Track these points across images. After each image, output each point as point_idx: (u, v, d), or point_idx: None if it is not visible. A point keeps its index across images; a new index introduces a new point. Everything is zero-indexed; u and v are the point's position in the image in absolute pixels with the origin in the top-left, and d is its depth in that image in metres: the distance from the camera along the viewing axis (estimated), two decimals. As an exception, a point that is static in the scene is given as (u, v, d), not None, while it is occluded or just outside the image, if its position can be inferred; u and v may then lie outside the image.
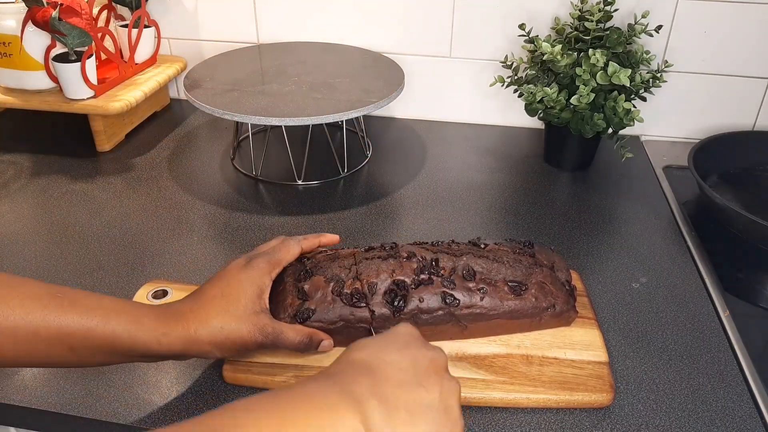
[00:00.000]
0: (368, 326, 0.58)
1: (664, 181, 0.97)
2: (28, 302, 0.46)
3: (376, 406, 0.39)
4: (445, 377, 0.44)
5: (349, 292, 0.58)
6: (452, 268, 0.60)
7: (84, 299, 0.48)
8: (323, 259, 0.61)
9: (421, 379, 0.43)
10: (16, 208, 0.87)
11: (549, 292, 0.61)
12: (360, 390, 0.40)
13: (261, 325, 0.53)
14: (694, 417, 0.57)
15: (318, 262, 0.61)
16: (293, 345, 0.55)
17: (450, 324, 0.60)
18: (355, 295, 0.58)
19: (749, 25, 0.99)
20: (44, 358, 0.48)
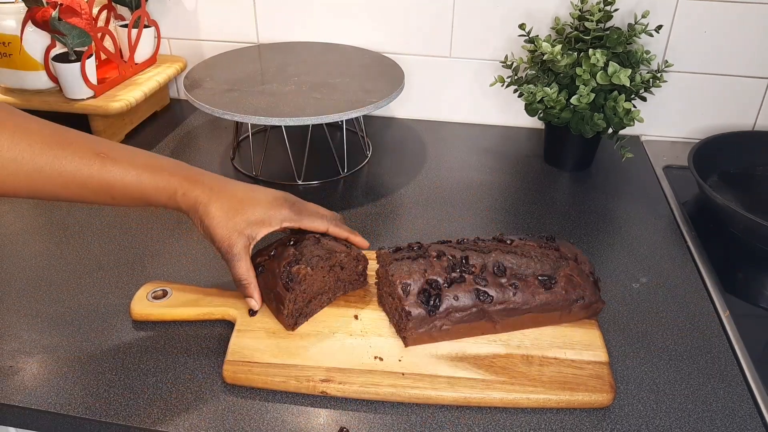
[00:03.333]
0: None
1: (664, 181, 0.97)
2: (78, 159, 0.56)
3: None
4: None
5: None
6: (482, 264, 0.61)
7: (125, 157, 0.59)
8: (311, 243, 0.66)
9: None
10: (16, 208, 0.87)
11: (577, 284, 0.62)
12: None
13: (232, 242, 0.61)
14: (694, 417, 0.57)
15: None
16: (234, 276, 0.63)
17: (482, 321, 0.61)
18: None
19: (749, 25, 0.99)
20: (90, 201, 0.59)
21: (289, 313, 0.62)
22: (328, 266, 0.64)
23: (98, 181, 0.57)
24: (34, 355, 0.62)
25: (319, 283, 0.64)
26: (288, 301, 0.61)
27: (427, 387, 0.57)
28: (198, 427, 0.55)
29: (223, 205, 0.61)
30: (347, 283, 0.68)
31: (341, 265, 0.65)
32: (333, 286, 0.66)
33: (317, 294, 0.64)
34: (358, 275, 0.68)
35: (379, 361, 0.60)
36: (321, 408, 0.58)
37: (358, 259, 0.67)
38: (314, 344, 0.62)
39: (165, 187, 0.60)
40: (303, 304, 0.63)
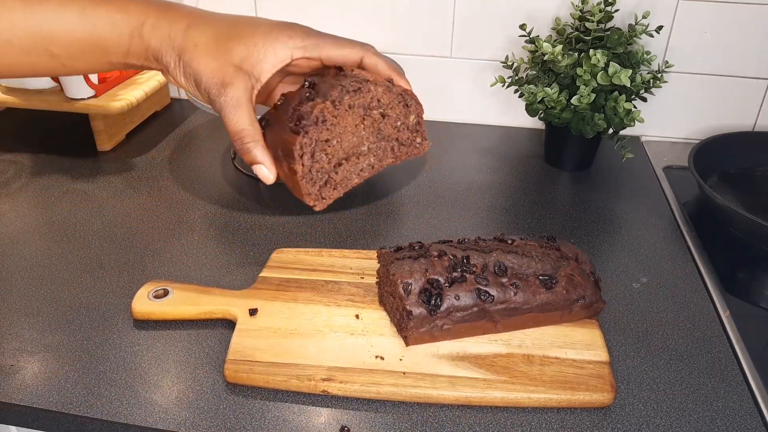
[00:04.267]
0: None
1: (664, 182, 0.97)
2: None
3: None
4: None
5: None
6: (483, 264, 0.61)
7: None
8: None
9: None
10: (16, 208, 0.87)
11: (578, 283, 0.63)
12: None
13: (227, 80, 0.43)
14: (694, 417, 0.57)
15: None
16: (231, 128, 0.44)
17: (483, 320, 0.61)
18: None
19: (749, 25, 0.99)
20: (29, 68, 0.42)
21: (307, 173, 0.44)
22: (359, 105, 0.45)
23: (25, 30, 0.40)
24: (36, 354, 0.62)
25: (351, 133, 0.46)
26: (300, 149, 0.43)
27: (428, 386, 0.57)
28: (199, 426, 0.55)
29: (208, 30, 0.44)
30: (396, 142, 0.48)
31: (381, 108, 0.46)
32: (374, 145, 0.47)
33: (351, 153, 0.46)
34: (410, 130, 0.48)
35: (381, 361, 0.60)
36: (322, 407, 0.58)
37: (405, 101, 0.47)
38: (315, 343, 0.62)
39: (124, 20, 0.42)
40: (329, 164, 0.45)
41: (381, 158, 0.49)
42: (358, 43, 0.47)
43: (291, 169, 0.44)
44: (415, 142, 0.50)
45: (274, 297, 0.67)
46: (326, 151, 0.45)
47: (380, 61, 0.47)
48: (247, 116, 0.44)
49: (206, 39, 0.44)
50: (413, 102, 0.48)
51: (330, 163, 0.45)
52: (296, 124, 0.43)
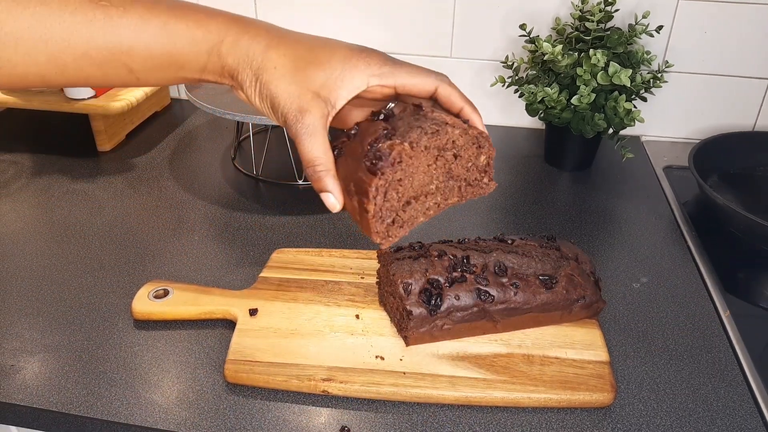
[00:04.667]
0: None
1: (664, 181, 0.97)
2: (68, 15, 0.37)
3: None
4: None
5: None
6: (484, 264, 0.61)
7: (139, 2, 0.40)
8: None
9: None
10: (17, 208, 0.87)
11: (578, 284, 0.63)
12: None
13: (305, 107, 0.43)
14: (694, 417, 0.57)
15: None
16: (305, 156, 0.44)
17: (483, 320, 0.61)
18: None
19: (749, 25, 0.99)
20: (101, 81, 0.42)
21: (378, 212, 0.44)
22: (435, 147, 0.45)
23: (104, 43, 0.39)
24: (36, 354, 0.62)
25: (423, 173, 0.45)
26: (375, 190, 0.43)
27: (428, 386, 0.57)
28: (199, 427, 0.55)
29: (288, 52, 0.43)
30: (464, 182, 0.48)
31: (455, 149, 0.46)
32: (443, 185, 0.47)
33: (420, 193, 0.46)
34: (479, 171, 0.48)
35: (381, 361, 0.60)
36: (322, 407, 0.58)
37: (479, 143, 0.47)
38: (315, 343, 0.62)
39: (205, 37, 0.42)
40: (398, 203, 0.45)
41: (447, 197, 0.48)
42: (434, 73, 0.47)
43: (362, 207, 0.44)
44: (482, 183, 0.49)
45: (274, 297, 0.67)
46: (398, 190, 0.44)
47: (454, 93, 0.47)
48: (322, 144, 0.44)
49: (285, 61, 0.43)
50: (486, 144, 0.47)
51: (399, 202, 0.45)
52: (373, 164, 0.43)
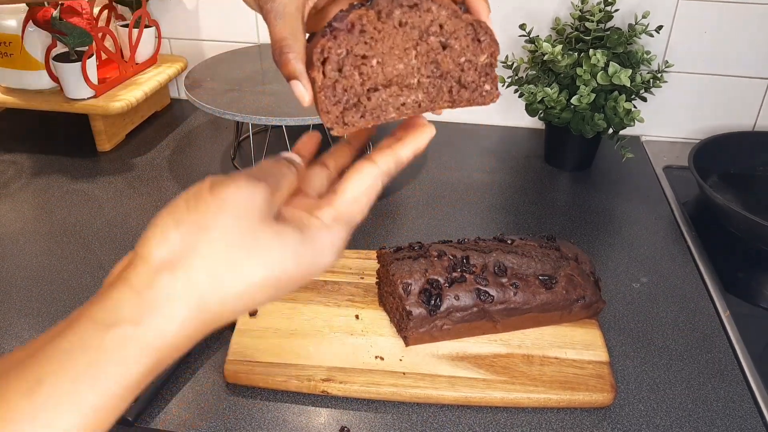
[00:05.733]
0: None
1: (664, 181, 0.97)
2: None
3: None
4: None
5: None
6: (483, 264, 0.61)
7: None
8: None
9: None
10: (16, 208, 0.87)
11: (578, 284, 0.63)
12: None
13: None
14: (694, 417, 0.57)
15: None
16: (272, 38, 0.40)
17: (483, 320, 0.61)
18: None
19: (749, 25, 0.99)
20: None
21: (328, 85, 0.37)
22: (413, 26, 0.37)
23: None
24: (36, 355, 0.62)
25: (398, 58, 0.37)
26: (321, 52, 0.36)
27: (428, 386, 0.57)
28: (199, 427, 0.55)
29: None
30: (456, 83, 0.39)
31: (442, 35, 0.38)
32: (427, 81, 0.38)
33: (394, 82, 0.38)
34: (478, 72, 0.39)
35: (380, 361, 0.60)
36: (322, 407, 0.58)
37: (477, 34, 0.38)
38: (315, 344, 0.62)
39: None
40: (361, 86, 0.37)
41: (433, 98, 0.39)
42: None
43: (312, 79, 0.37)
44: (482, 89, 0.39)
45: (274, 297, 0.67)
46: (360, 69, 0.37)
47: None
48: (290, 26, 0.39)
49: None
50: (487, 38, 0.38)
51: (363, 86, 0.37)
52: (326, 27, 0.36)
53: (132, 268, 0.31)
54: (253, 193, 0.33)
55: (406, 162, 0.39)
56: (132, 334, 0.30)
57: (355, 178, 0.38)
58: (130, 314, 0.30)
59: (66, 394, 0.28)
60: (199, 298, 0.31)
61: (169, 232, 0.32)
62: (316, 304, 0.67)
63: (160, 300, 0.30)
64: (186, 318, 0.31)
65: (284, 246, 0.33)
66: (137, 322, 0.30)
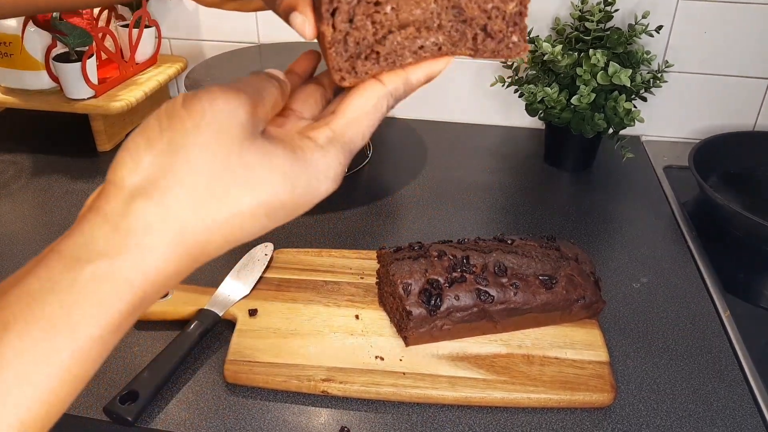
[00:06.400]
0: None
1: (664, 181, 0.97)
2: None
3: None
4: None
5: None
6: (483, 264, 0.61)
7: None
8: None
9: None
10: (16, 208, 0.87)
11: (578, 284, 0.63)
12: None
13: None
14: (694, 417, 0.57)
15: None
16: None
17: (483, 321, 0.61)
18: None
19: (749, 25, 0.99)
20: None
21: (338, 40, 0.33)
22: None
23: None
24: (35, 355, 0.62)
25: (414, 3, 0.33)
26: (330, 2, 0.32)
27: (428, 386, 0.57)
28: (199, 427, 0.55)
29: None
30: (481, 31, 0.35)
31: None
32: (449, 25, 0.35)
33: (408, 22, 0.34)
34: (505, 20, 0.35)
35: (380, 361, 0.60)
36: (322, 407, 0.58)
37: None
38: (315, 344, 0.62)
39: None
40: (373, 35, 0.34)
41: (455, 43, 0.35)
42: None
43: (321, 33, 0.33)
44: (509, 40, 0.35)
45: (274, 297, 0.67)
46: (373, 18, 0.33)
47: None
48: None
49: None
50: None
51: (376, 36, 0.33)
52: None
53: (103, 196, 0.28)
54: (233, 105, 0.29)
55: (417, 87, 0.35)
56: (108, 269, 0.27)
57: (358, 95, 0.34)
58: (104, 247, 0.27)
59: (38, 340, 0.25)
60: (181, 227, 0.28)
61: (141, 154, 0.28)
62: (315, 304, 0.67)
63: (136, 230, 0.27)
64: (167, 249, 0.28)
65: (273, 168, 0.29)
66: (112, 255, 0.27)
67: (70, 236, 0.28)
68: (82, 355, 0.26)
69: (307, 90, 0.37)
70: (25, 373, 0.25)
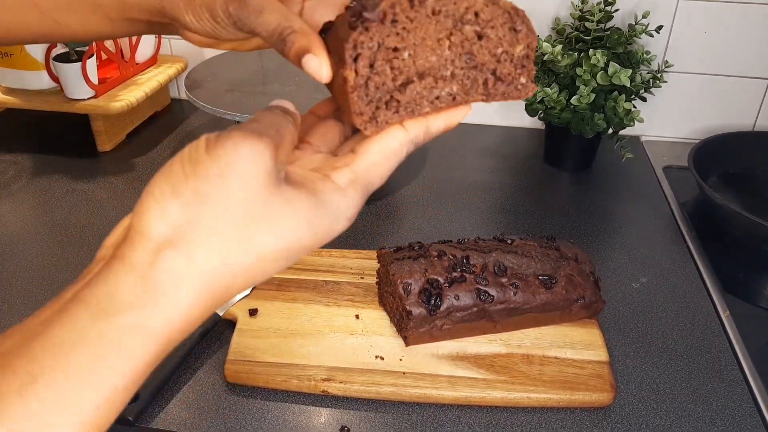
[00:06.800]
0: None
1: (664, 182, 0.97)
2: None
3: None
4: None
5: None
6: (483, 264, 0.61)
7: None
8: None
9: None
10: (17, 208, 0.87)
11: (578, 284, 0.63)
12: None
13: None
14: (694, 417, 0.57)
15: None
16: (267, 34, 0.36)
17: (483, 320, 0.61)
18: None
19: (749, 25, 0.99)
20: (18, 29, 0.41)
21: (360, 84, 0.33)
22: (447, 15, 0.34)
23: None
24: (36, 355, 0.62)
25: (430, 50, 0.34)
26: (354, 48, 0.33)
27: (428, 386, 0.57)
28: (199, 427, 0.55)
29: None
30: (492, 76, 0.37)
31: (478, 24, 0.35)
32: (461, 73, 0.36)
33: (427, 73, 0.35)
34: (514, 64, 0.37)
35: (380, 361, 0.60)
36: (322, 407, 0.58)
37: (514, 23, 0.37)
38: (315, 344, 0.62)
39: None
40: (392, 80, 0.34)
41: (467, 90, 0.36)
42: None
43: (342, 78, 0.34)
44: (517, 82, 0.37)
45: (274, 297, 0.67)
46: (392, 63, 0.34)
47: None
48: (279, 11, 0.36)
49: None
50: (524, 27, 0.36)
51: (395, 81, 0.34)
52: (356, 18, 0.33)
53: (129, 245, 0.28)
54: (257, 152, 0.29)
55: (435, 135, 0.37)
56: (135, 321, 0.27)
57: (380, 139, 0.34)
58: (132, 300, 0.27)
59: (64, 392, 0.25)
60: (207, 275, 0.28)
61: (168, 202, 0.28)
62: (316, 303, 0.67)
63: (165, 282, 0.27)
64: (194, 298, 0.28)
65: (297, 213, 0.30)
66: (140, 307, 0.27)
67: (95, 284, 0.28)
68: (106, 405, 0.26)
69: (326, 125, 0.38)
70: (48, 424, 0.25)
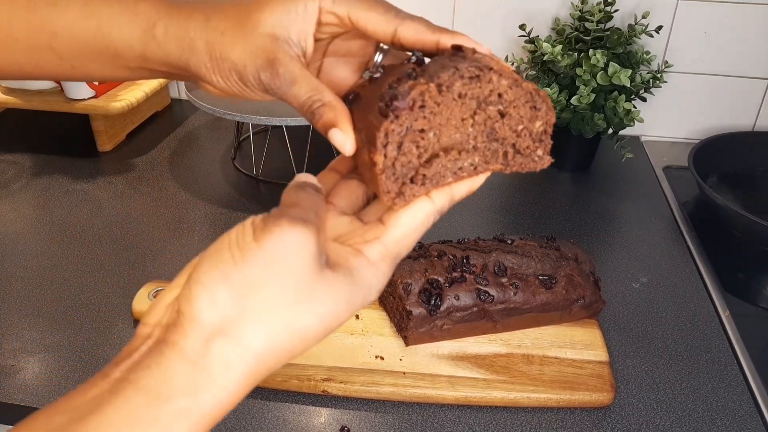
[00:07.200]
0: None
1: (664, 182, 0.97)
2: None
3: None
4: None
5: None
6: (483, 264, 0.61)
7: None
8: None
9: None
10: (17, 208, 0.87)
11: (578, 284, 0.63)
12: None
13: (271, 54, 0.36)
14: (694, 416, 0.57)
15: None
16: (298, 105, 0.37)
17: (483, 320, 0.61)
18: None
19: (749, 25, 0.99)
20: (34, 70, 0.41)
21: (389, 166, 0.35)
22: (473, 97, 0.36)
23: (27, 25, 0.38)
24: (36, 354, 0.63)
25: (455, 128, 0.36)
26: (385, 136, 0.34)
27: (427, 386, 0.57)
28: (199, 426, 0.55)
29: (228, 10, 0.38)
30: (512, 149, 0.38)
31: (501, 104, 0.37)
32: (483, 146, 0.37)
33: (451, 147, 0.37)
34: (532, 138, 0.38)
35: (380, 361, 0.60)
36: (322, 407, 0.58)
37: (534, 102, 0.38)
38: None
39: (132, 21, 0.38)
40: (418, 158, 0.36)
41: (488, 161, 0.38)
42: (401, 12, 0.37)
43: (371, 159, 0.35)
44: (534, 155, 0.39)
45: (274, 297, 0.67)
46: (418, 143, 0.35)
47: (420, 27, 0.37)
48: (309, 83, 0.37)
49: (229, 22, 0.37)
50: (544, 106, 0.38)
51: (420, 158, 0.36)
52: (386, 105, 0.34)
53: (180, 332, 0.30)
54: (303, 242, 0.30)
55: (458, 201, 0.38)
56: (187, 405, 0.28)
57: (409, 212, 0.36)
58: (185, 386, 0.29)
59: None
60: (255, 361, 0.30)
61: (218, 291, 0.30)
62: (316, 304, 0.67)
63: (216, 369, 0.29)
64: (241, 381, 0.30)
65: (338, 295, 0.32)
66: (192, 393, 0.29)
67: (148, 368, 0.29)
68: None
69: (349, 186, 0.40)
70: None
